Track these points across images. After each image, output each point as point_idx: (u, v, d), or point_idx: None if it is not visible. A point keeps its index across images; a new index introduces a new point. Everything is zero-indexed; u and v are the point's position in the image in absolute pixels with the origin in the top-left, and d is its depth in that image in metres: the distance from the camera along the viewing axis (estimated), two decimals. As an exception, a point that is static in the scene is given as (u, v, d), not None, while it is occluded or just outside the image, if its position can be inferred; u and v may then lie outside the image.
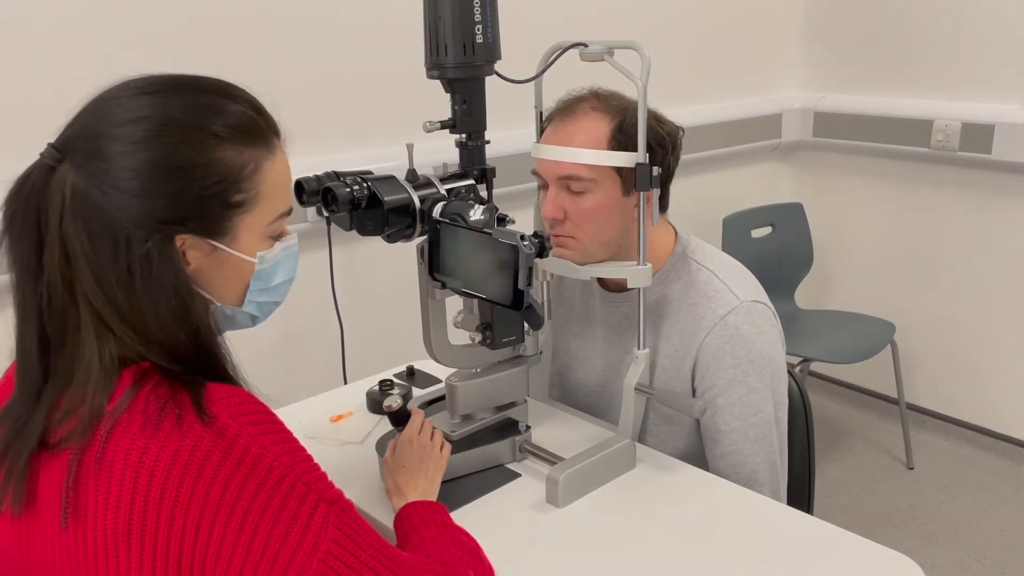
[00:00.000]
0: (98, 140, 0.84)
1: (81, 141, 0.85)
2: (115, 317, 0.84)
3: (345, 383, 1.75)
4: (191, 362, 0.87)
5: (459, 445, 1.34)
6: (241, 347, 0.96)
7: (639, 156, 1.29)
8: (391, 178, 1.23)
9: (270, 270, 0.94)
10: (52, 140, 0.86)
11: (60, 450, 0.83)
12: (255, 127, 0.89)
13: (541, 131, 1.46)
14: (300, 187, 1.21)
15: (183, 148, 0.84)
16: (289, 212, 0.95)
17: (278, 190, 0.92)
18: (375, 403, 1.58)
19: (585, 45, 1.32)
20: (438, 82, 1.30)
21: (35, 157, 0.86)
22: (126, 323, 0.85)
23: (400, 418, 1.34)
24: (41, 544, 0.85)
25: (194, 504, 0.79)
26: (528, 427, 1.41)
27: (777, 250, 3.15)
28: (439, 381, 1.47)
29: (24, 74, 1.80)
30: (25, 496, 0.85)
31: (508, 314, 1.26)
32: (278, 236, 0.95)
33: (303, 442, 0.89)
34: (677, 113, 1.48)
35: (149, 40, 1.93)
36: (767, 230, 3.14)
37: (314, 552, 0.83)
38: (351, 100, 2.27)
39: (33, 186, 0.85)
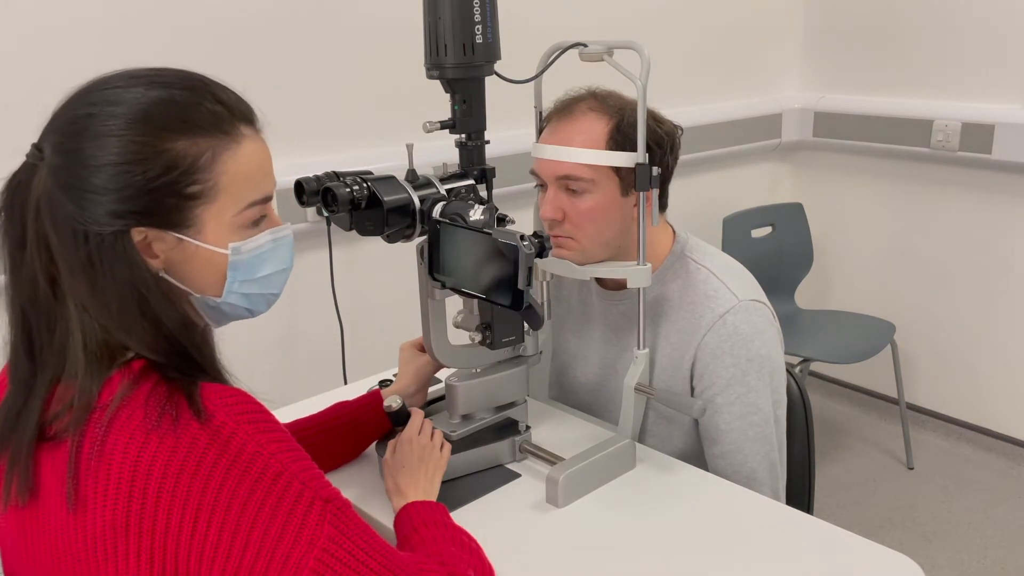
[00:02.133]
0: (61, 137, 0.85)
1: (51, 138, 0.86)
2: (94, 307, 0.85)
3: (345, 383, 1.75)
4: (166, 354, 0.87)
5: (459, 445, 1.34)
6: (241, 347, 0.96)
7: (638, 156, 1.29)
8: (391, 178, 1.23)
9: (251, 261, 0.93)
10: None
11: (59, 442, 0.84)
12: (213, 117, 0.88)
13: (540, 131, 1.46)
14: (300, 187, 1.21)
15: (129, 143, 0.84)
16: (266, 200, 0.93)
17: (245, 179, 0.90)
18: (375, 403, 1.58)
19: (585, 45, 1.32)
20: (438, 82, 1.30)
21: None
22: (103, 313, 0.85)
23: (400, 418, 1.34)
24: (45, 534, 0.86)
25: (191, 501, 0.80)
26: (528, 427, 1.41)
27: (777, 250, 3.15)
28: (439, 381, 1.47)
29: (23, 71, 1.80)
30: (31, 486, 0.86)
31: (508, 314, 1.26)
32: (258, 225, 0.93)
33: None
34: (677, 113, 1.48)
35: (149, 39, 1.92)
36: (767, 230, 3.14)
37: (310, 550, 0.84)
38: (351, 100, 2.27)
39: (19, 183, 0.87)
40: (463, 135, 1.33)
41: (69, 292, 0.85)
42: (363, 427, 1.37)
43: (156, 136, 0.85)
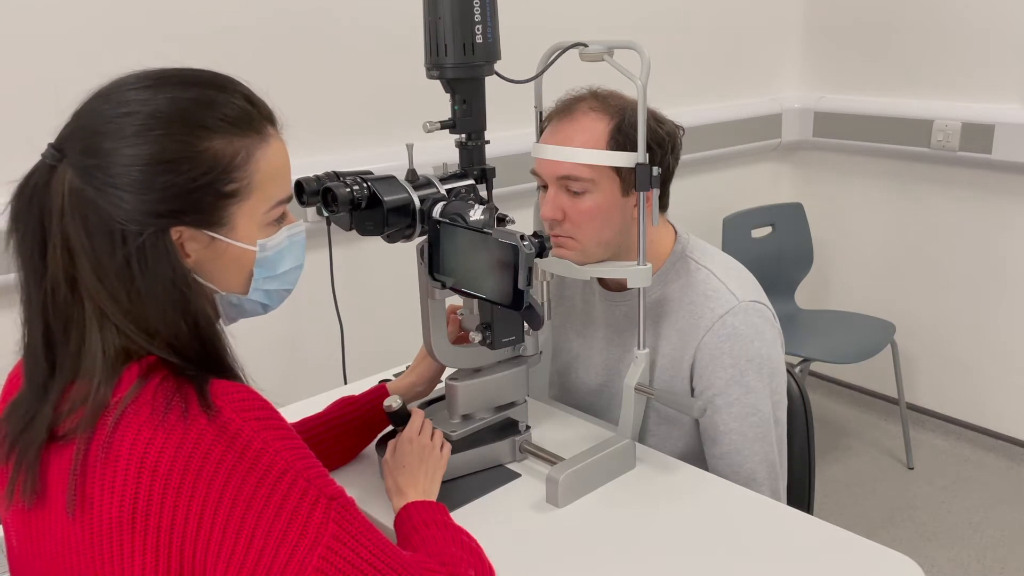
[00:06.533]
0: (91, 137, 0.85)
1: (76, 139, 0.86)
2: (117, 311, 0.85)
3: (345, 383, 1.75)
4: (193, 354, 0.88)
5: (459, 445, 1.34)
6: (241, 346, 0.96)
7: (639, 156, 1.29)
8: (391, 178, 1.23)
9: (274, 257, 0.95)
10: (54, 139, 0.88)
11: (68, 441, 0.84)
12: (246, 116, 0.90)
13: (540, 131, 1.46)
14: (300, 187, 1.21)
15: (170, 141, 0.85)
16: (289, 199, 0.96)
17: (274, 178, 0.92)
18: (375, 403, 1.58)
19: (585, 45, 1.32)
20: (438, 82, 1.30)
21: (38, 157, 0.88)
22: (128, 317, 0.86)
23: (400, 418, 1.34)
24: (51, 534, 0.86)
25: (196, 496, 0.80)
26: (528, 427, 1.41)
27: (777, 250, 3.15)
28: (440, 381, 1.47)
29: (29, 73, 1.80)
30: (37, 487, 0.86)
31: (508, 314, 1.26)
32: (280, 223, 0.95)
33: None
34: (677, 113, 1.48)
35: (151, 40, 1.92)
36: (767, 230, 3.14)
37: (314, 548, 0.84)
38: (351, 100, 2.27)
39: (35, 185, 0.86)
40: (463, 135, 1.33)
41: (90, 295, 0.85)
42: (372, 420, 1.38)
43: (196, 135, 0.86)
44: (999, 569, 2.52)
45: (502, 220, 1.32)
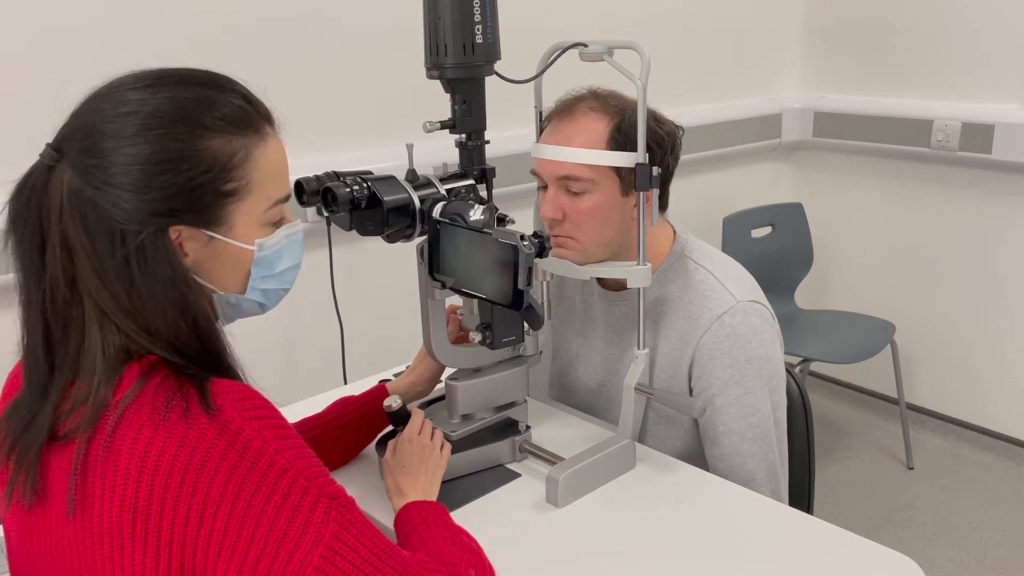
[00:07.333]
0: (90, 137, 0.85)
1: (75, 139, 0.86)
2: (117, 311, 0.85)
3: (345, 383, 1.76)
4: (194, 353, 0.88)
5: (459, 445, 1.34)
6: (241, 346, 0.96)
7: (639, 156, 1.29)
8: (391, 178, 1.23)
9: (272, 257, 0.95)
10: (51, 140, 0.88)
11: (69, 441, 0.84)
12: (244, 116, 0.90)
13: (540, 131, 1.46)
14: (300, 187, 1.21)
15: (169, 141, 0.85)
16: (287, 198, 0.96)
17: (272, 177, 0.92)
18: (375, 403, 1.58)
19: (585, 45, 1.32)
20: (438, 82, 1.30)
21: (36, 158, 0.88)
22: (128, 316, 0.86)
23: (400, 418, 1.34)
24: (52, 534, 0.86)
25: (197, 495, 0.80)
26: (528, 427, 1.41)
27: (777, 250, 3.15)
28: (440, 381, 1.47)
29: (29, 72, 1.80)
30: (37, 487, 0.86)
31: (508, 314, 1.26)
32: (278, 222, 0.96)
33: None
34: (677, 113, 1.48)
35: (151, 40, 1.92)
36: (767, 230, 3.14)
37: (315, 547, 0.84)
38: (351, 100, 2.27)
39: (34, 186, 0.86)
40: (463, 135, 1.33)
41: (90, 294, 0.85)
42: (372, 420, 1.38)
43: (196, 135, 0.86)
44: (999, 569, 2.52)
45: (502, 220, 1.32)
